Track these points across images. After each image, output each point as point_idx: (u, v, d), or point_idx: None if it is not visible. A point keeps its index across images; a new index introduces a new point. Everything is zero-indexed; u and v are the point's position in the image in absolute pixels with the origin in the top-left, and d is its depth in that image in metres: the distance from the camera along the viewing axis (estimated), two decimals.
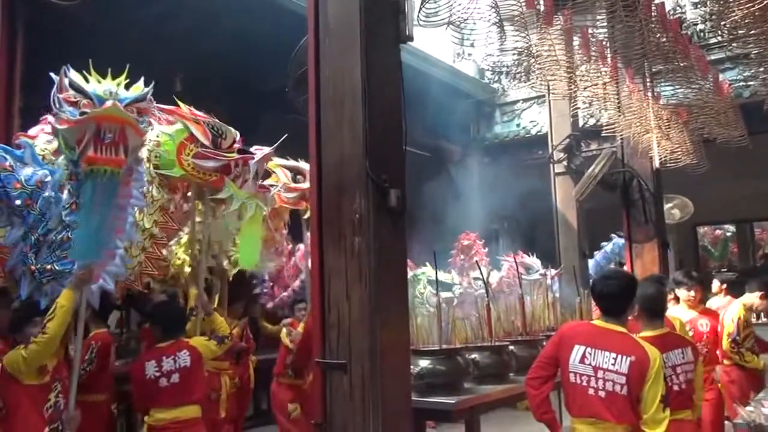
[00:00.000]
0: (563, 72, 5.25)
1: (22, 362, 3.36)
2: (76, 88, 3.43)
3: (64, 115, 3.34)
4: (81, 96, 3.40)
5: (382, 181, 2.93)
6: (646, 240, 7.54)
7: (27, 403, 3.43)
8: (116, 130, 3.41)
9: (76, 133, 3.33)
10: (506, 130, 12.73)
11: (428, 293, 6.99)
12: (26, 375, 3.42)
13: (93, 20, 5.28)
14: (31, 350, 3.36)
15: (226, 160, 4.04)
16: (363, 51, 2.97)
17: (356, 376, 2.86)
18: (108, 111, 3.38)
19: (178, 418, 4.16)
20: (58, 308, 3.41)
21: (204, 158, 4.00)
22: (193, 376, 4.24)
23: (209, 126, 4.01)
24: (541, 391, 3.46)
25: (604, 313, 3.48)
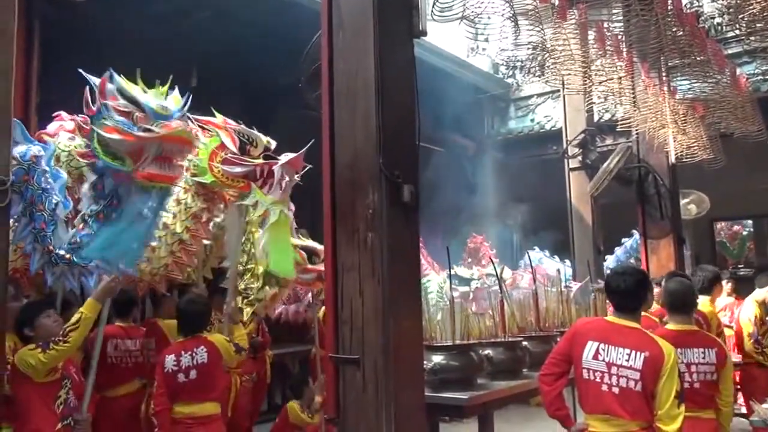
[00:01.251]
0: (578, 66, 5.21)
1: (39, 365, 3.38)
2: (129, 98, 3.46)
3: (112, 124, 3.36)
4: (134, 107, 3.43)
5: (395, 177, 2.92)
6: (661, 236, 7.48)
7: (39, 400, 3.46)
8: (178, 149, 3.53)
9: (131, 146, 3.37)
10: (520, 125, 12.68)
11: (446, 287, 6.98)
12: (38, 377, 3.44)
13: (109, 16, 5.32)
14: (51, 356, 3.38)
15: (251, 165, 4.08)
16: (376, 46, 2.97)
17: (369, 371, 2.86)
18: (179, 133, 3.48)
19: (195, 414, 4.15)
20: (83, 319, 3.45)
21: (231, 164, 4.07)
22: (211, 373, 4.21)
23: (237, 133, 4.08)
24: (555, 387, 3.45)
25: (617, 309, 3.47)
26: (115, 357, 4.71)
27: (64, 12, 4.45)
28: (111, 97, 3.45)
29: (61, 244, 3.56)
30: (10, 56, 2.97)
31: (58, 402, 3.50)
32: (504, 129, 12.88)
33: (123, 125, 3.38)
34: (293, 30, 4.79)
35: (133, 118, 3.42)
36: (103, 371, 4.62)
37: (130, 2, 5.82)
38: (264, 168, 4.08)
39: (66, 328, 3.43)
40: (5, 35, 2.93)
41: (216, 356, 4.23)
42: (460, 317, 4.51)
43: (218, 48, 4.52)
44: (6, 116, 2.91)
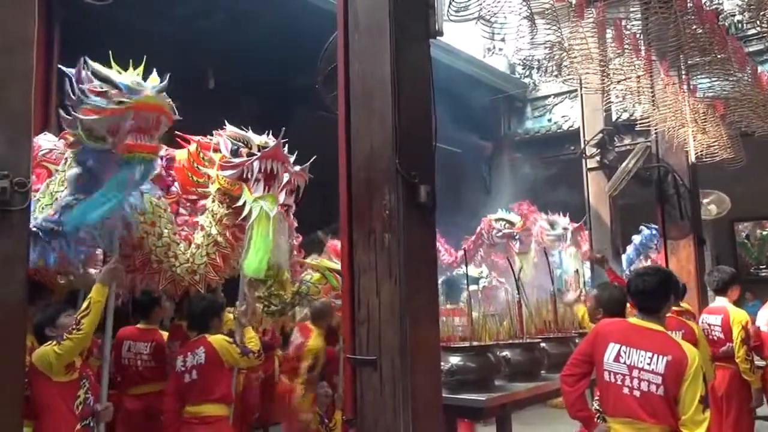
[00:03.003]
0: (596, 66, 5.16)
1: (54, 358, 3.37)
2: (102, 78, 3.44)
3: (89, 106, 3.36)
4: (109, 86, 3.42)
5: (411, 177, 2.92)
6: (681, 236, 7.39)
7: (58, 400, 3.45)
8: (153, 117, 3.48)
9: (108, 122, 3.37)
10: (537, 125, 12.60)
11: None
12: (56, 372, 3.42)
13: (127, 19, 5.38)
14: (65, 346, 3.37)
15: (237, 165, 4.07)
16: (392, 46, 2.96)
17: (386, 372, 2.85)
18: (148, 99, 3.43)
19: (198, 414, 4.16)
20: (92, 304, 3.45)
21: (225, 168, 4.10)
22: (210, 374, 4.19)
23: (229, 137, 4.10)
24: (576, 389, 3.40)
25: (640, 310, 3.41)
26: (128, 359, 4.74)
27: (84, 16, 4.50)
28: (87, 79, 3.44)
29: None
30: (31, 60, 2.99)
31: (77, 402, 3.50)
32: (521, 129, 12.82)
33: (98, 104, 3.38)
34: (310, 31, 4.79)
35: (108, 95, 3.41)
36: (117, 371, 4.69)
37: (149, 5, 5.87)
38: (250, 166, 4.07)
39: (77, 317, 3.44)
40: (26, 40, 2.96)
41: (214, 358, 4.20)
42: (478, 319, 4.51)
43: (235, 50, 4.54)
44: (26, 119, 2.94)
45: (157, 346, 4.64)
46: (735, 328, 5.45)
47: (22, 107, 2.91)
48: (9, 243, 2.77)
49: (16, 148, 2.86)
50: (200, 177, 4.26)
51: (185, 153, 4.32)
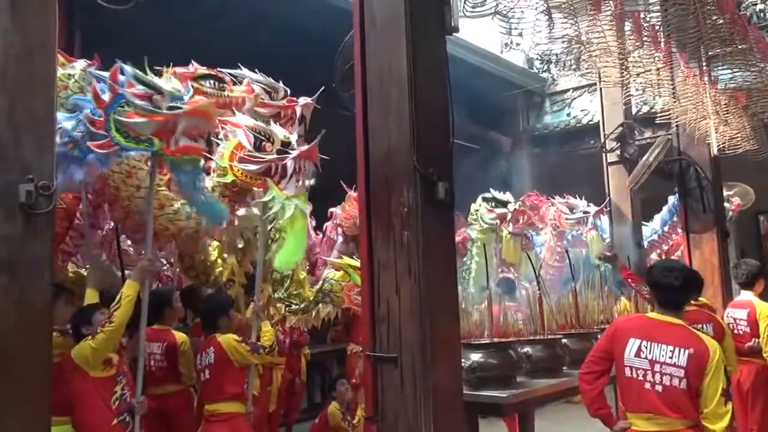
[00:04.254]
0: (615, 59, 5.11)
1: (90, 352, 3.49)
2: (146, 83, 3.57)
3: (133, 109, 3.46)
4: (153, 91, 3.55)
5: (429, 174, 2.92)
6: (704, 230, 7.29)
7: (95, 395, 3.56)
8: (203, 123, 3.65)
9: (156, 126, 3.48)
10: (556, 119, 12.52)
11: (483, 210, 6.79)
12: (93, 366, 3.54)
13: (145, 21, 5.43)
14: (99, 339, 3.49)
15: (265, 161, 4.08)
16: (409, 43, 2.97)
17: (407, 369, 2.86)
18: (204, 107, 3.60)
19: (214, 411, 4.27)
20: (123, 298, 3.54)
21: (246, 162, 4.08)
22: (220, 373, 4.27)
23: (252, 130, 4.09)
24: (595, 386, 3.39)
25: (662, 305, 3.38)
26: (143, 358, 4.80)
27: (104, 20, 4.55)
28: (127, 84, 3.53)
29: None
30: (53, 66, 3.04)
31: (114, 398, 3.60)
32: (540, 124, 12.74)
33: (146, 108, 3.48)
34: (327, 29, 4.81)
35: (153, 100, 3.53)
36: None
37: (167, 7, 5.92)
38: (278, 163, 4.09)
39: (110, 310, 3.53)
40: (47, 46, 3.00)
41: (223, 357, 4.27)
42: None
43: (254, 50, 4.58)
44: (49, 124, 2.99)
45: (169, 346, 4.67)
46: (762, 323, 5.39)
47: (45, 112, 2.96)
48: (35, 245, 2.82)
49: (40, 153, 2.90)
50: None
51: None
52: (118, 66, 3.54)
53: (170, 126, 3.51)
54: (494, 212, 6.71)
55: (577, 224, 8.29)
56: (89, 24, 6.07)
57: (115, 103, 3.45)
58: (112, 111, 3.44)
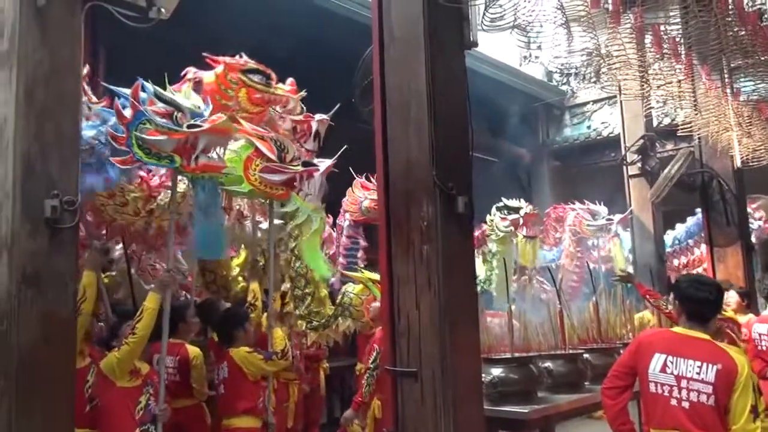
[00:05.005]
0: (635, 71, 5.09)
1: (116, 363, 3.58)
2: (167, 100, 3.61)
3: (154, 127, 3.49)
4: (173, 108, 3.59)
5: (448, 188, 2.92)
6: (728, 243, 7.21)
7: (120, 404, 3.63)
8: (220, 140, 3.69)
9: (176, 143, 3.52)
10: (576, 132, 12.45)
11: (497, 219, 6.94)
12: (119, 377, 3.62)
13: (167, 37, 5.52)
14: (123, 351, 3.57)
15: (291, 172, 4.10)
16: (427, 58, 2.99)
17: (427, 384, 2.85)
18: (223, 125, 3.60)
19: (230, 426, 4.29)
20: (145, 310, 3.60)
21: (271, 172, 4.06)
22: (234, 388, 4.29)
23: (273, 141, 4.10)
24: (618, 402, 3.33)
25: (690, 318, 3.31)
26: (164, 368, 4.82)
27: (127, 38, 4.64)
28: (149, 102, 3.58)
29: None
30: (79, 84, 3.11)
31: (138, 408, 3.66)
32: (559, 137, 12.68)
33: (166, 126, 3.52)
34: (347, 44, 4.86)
35: (174, 117, 3.56)
36: None
37: (189, 24, 6.01)
38: (303, 175, 4.11)
39: (133, 323, 3.61)
40: (73, 65, 3.07)
41: (236, 371, 4.28)
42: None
43: (274, 65, 4.63)
44: (75, 141, 3.05)
45: (181, 360, 4.66)
46: None
47: (71, 130, 3.02)
48: (60, 259, 2.87)
49: (66, 169, 2.96)
50: (229, 100, 4.22)
51: (213, 75, 4.29)
52: (139, 83, 3.60)
53: (190, 143, 3.55)
54: (507, 219, 6.89)
55: (599, 231, 8.23)
56: (113, 40, 6.17)
57: (136, 120, 3.51)
58: (134, 128, 3.51)
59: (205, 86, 4.20)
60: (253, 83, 4.21)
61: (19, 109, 2.86)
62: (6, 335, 2.73)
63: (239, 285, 5.62)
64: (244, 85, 4.16)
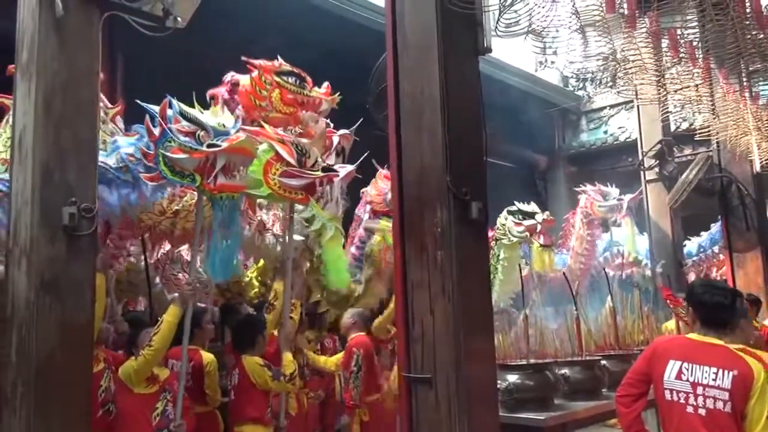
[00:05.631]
0: (651, 76, 5.05)
1: (132, 373, 3.66)
2: (191, 119, 3.67)
3: (177, 145, 3.56)
4: (197, 127, 3.65)
5: (462, 194, 2.92)
6: (747, 249, 7.11)
7: (136, 410, 3.71)
8: (241, 160, 3.71)
9: (197, 162, 3.58)
10: (593, 137, 12.40)
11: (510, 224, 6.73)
12: (136, 383, 3.70)
13: (184, 44, 5.59)
14: (140, 362, 3.64)
15: (311, 178, 4.09)
16: (441, 64, 2.99)
17: (442, 390, 2.85)
18: (241, 144, 3.64)
19: None
20: (164, 323, 3.66)
21: (290, 177, 4.03)
22: (242, 395, 4.31)
23: (294, 145, 4.09)
24: (633, 409, 3.29)
25: (706, 324, 3.27)
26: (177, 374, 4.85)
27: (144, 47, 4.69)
28: (174, 120, 3.64)
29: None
30: (96, 92, 3.16)
31: (155, 413, 3.72)
32: (576, 142, 12.62)
33: (188, 144, 3.58)
34: (362, 52, 4.89)
35: (197, 136, 3.62)
36: None
37: (205, 31, 6.07)
38: (323, 180, 4.11)
39: (151, 334, 3.66)
40: (91, 73, 3.12)
41: (245, 379, 4.29)
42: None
43: None
44: (92, 148, 3.10)
45: (195, 366, 4.69)
46: None
47: (89, 137, 3.07)
48: (78, 266, 2.91)
49: (83, 176, 3.01)
50: (262, 101, 4.28)
51: (248, 78, 4.36)
52: (167, 101, 3.66)
53: (210, 163, 3.60)
54: (522, 225, 6.60)
55: (610, 212, 8.18)
56: (130, 51, 6.25)
57: (163, 138, 3.58)
58: (161, 145, 3.57)
59: (241, 88, 4.28)
60: (287, 84, 4.27)
61: (38, 118, 2.91)
62: (25, 341, 2.77)
63: (254, 290, 5.66)
64: (277, 86, 4.24)
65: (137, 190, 3.96)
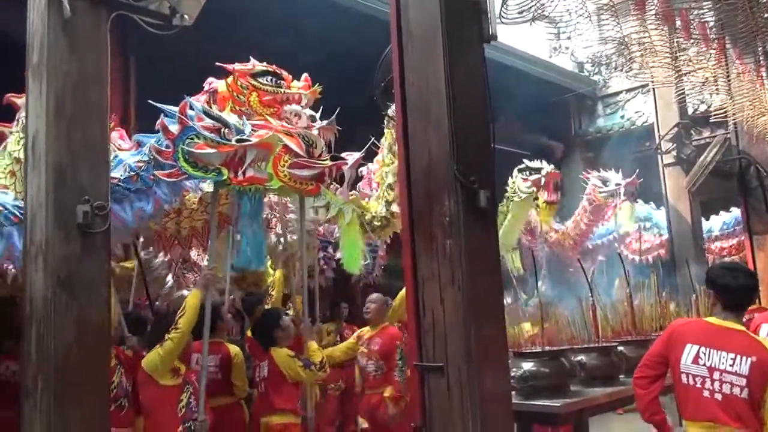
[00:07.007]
0: (663, 58, 5.00)
1: (159, 359, 3.72)
2: (214, 117, 3.79)
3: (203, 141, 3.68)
4: (221, 124, 3.77)
5: (470, 183, 2.91)
6: (767, 230, 7.02)
7: (163, 403, 3.80)
8: (264, 154, 3.83)
9: (224, 156, 3.69)
10: (610, 122, 12.28)
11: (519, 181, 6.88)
12: (162, 374, 3.77)
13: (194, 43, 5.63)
14: (166, 346, 3.71)
15: (320, 168, 4.12)
16: (445, 53, 2.98)
17: (453, 379, 2.85)
18: (268, 139, 3.77)
19: (269, 423, 4.39)
20: (188, 306, 3.76)
21: (300, 167, 4.07)
22: (274, 388, 4.38)
23: (301, 136, 4.11)
24: (650, 391, 3.29)
25: (727, 308, 3.23)
26: (197, 371, 4.91)
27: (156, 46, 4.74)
28: (197, 118, 3.70)
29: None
30: (106, 93, 3.20)
31: (180, 405, 3.79)
32: (592, 128, 12.51)
33: (215, 140, 3.67)
34: (368, 44, 4.88)
35: (222, 133, 3.73)
36: None
37: (215, 30, 6.11)
38: (332, 169, 4.14)
39: (176, 318, 3.71)
40: (101, 75, 3.17)
41: (276, 371, 4.37)
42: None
43: (300, 67, 4.68)
44: (104, 148, 3.15)
45: (223, 358, 4.76)
46: None
47: (100, 137, 3.12)
48: (92, 263, 2.97)
49: (96, 175, 3.06)
50: (241, 105, 4.27)
51: (224, 84, 4.35)
52: (186, 101, 3.74)
53: (238, 157, 3.71)
54: (529, 180, 6.82)
55: (611, 197, 8.29)
56: (142, 51, 6.31)
57: (184, 135, 3.67)
58: (181, 142, 3.63)
59: (219, 95, 4.30)
60: (262, 86, 4.26)
61: (49, 120, 2.97)
62: (43, 337, 2.83)
63: (270, 278, 5.73)
64: (254, 89, 4.22)
65: (152, 197, 3.99)
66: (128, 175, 3.92)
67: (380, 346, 5.59)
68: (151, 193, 4.01)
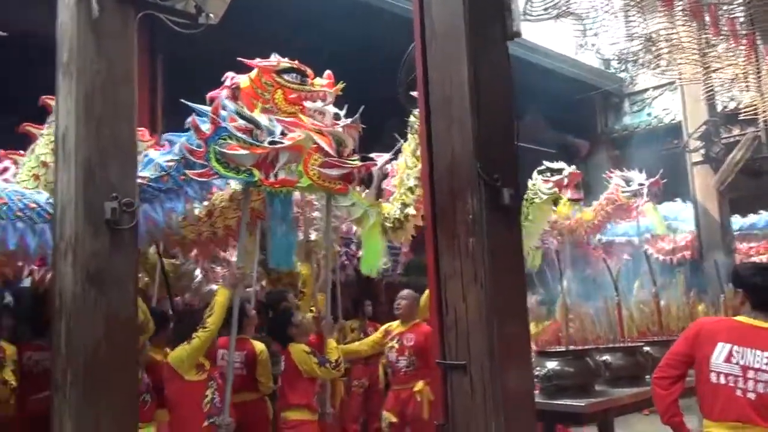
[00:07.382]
0: (691, 55, 4.93)
1: (186, 355, 3.76)
2: (247, 118, 3.79)
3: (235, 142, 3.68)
4: (253, 126, 3.78)
5: (494, 180, 2.90)
6: None
7: (189, 398, 3.83)
8: (296, 156, 3.82)
9: (256, 157, 3.70)
10: (637, 120, 12.13)
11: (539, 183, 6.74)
12: (187, 369, 3.80)
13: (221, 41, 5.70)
14: (194, 344, 3.75)
15: (349, 167, 4.13)
16: (469, 51, 2.97)
17: (476, 376, 2.85)
18: (300, 142, 3.76)
19: (287, 419, 4.44)
20: (216, 305, 3.80)
21: (329, 167, 4.09)
22: (289, 382, 4.44)
23: (332, 135, 4.12)
24: (671, 392, 3.23)
25: (756, 307, 3.18)
26: (222, 367, 4.96)
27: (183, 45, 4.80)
28: (230, 119, 3.72)
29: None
30: (134, 92, 3.25)
31: (205, 401, 3.83)
32: (619, 125, 12.37)
33: (247, 141, 3.68)
34: (391, 43, 4.89)
35: (254, 134, 3.73)
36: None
37: (240, 27, 6.17)
38: (361, 169, 4.14)
39: (204, 317, 3.78)
40: (129, 74, 3.22)
41: (292, 367, 4.42)
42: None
43: (326, 63, 4.70)
44: (132, 146, 3.20)
45: (248, 355, 4.79)
46: None
47: (128, 135, 3.17)
48: (120, 259, 3.02)
49: (124, 173, 3.11)
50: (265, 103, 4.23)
51: (247, 80, 4.30)
52: (219, 101, 3.75)
53: (270, 159, 3.71)
54: (550, 181, 6.67)
55: (633, 197, 8.13)
56: (170, 50, 6.39)
57: (216, 135, 3.68)
58: (213, 142, 3.65)
59: (242, 91, 4.26)
60: (288, 83, 4.24)
61: (79, 118, 3.02)
62: (73, 332, 2.89)
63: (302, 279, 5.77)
64: (279, 87, 4.20)
65: (182, 196, 4.01)
66: (159, 174, 3.91)
67: (415, 342, 5.60)
68: (182, 193, 4.01)
